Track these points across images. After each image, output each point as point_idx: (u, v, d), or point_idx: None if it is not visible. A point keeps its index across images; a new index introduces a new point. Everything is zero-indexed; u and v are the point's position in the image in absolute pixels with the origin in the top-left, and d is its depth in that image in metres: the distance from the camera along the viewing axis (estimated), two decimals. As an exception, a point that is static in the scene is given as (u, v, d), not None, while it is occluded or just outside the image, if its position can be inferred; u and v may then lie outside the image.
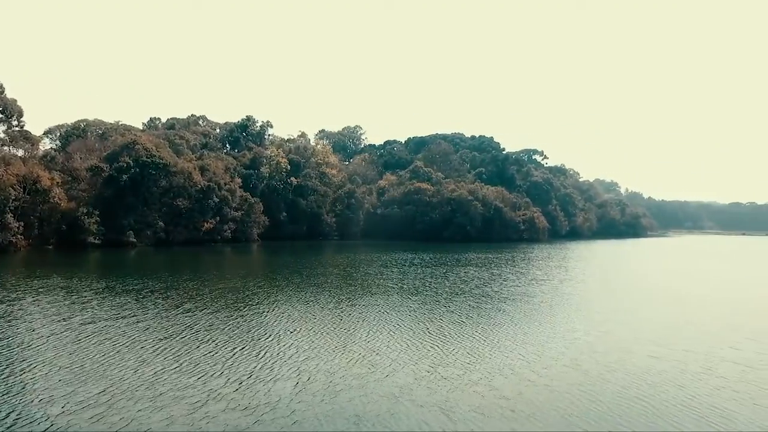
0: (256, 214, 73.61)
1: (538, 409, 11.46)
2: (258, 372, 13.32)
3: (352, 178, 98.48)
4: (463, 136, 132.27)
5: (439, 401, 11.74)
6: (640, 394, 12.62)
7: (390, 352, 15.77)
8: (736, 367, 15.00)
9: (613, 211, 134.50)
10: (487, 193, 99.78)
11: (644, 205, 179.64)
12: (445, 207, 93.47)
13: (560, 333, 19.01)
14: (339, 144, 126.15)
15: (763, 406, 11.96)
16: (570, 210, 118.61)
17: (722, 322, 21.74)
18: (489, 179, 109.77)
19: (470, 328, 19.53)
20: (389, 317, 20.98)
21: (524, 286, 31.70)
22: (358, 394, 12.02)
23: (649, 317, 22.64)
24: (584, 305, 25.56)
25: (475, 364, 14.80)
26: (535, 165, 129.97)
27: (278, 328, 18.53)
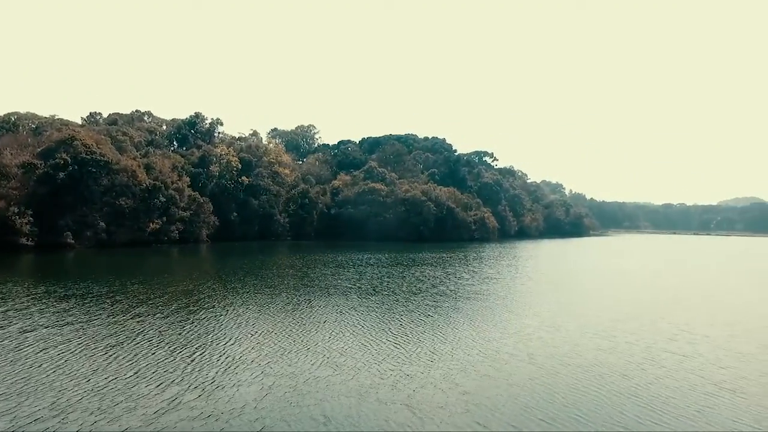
0: (206, 214, 71.30)
1: (498, 402, 11.91)
2: (220, 377, 13.00)
3: (306, 177, 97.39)
4: (416, 137, 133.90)
5: (404, 398, 11.94)
6: (591, 385, 13.38)
7: (353, 352, 15.83)
8: (673, 357, 16.18)
9: (558, 212, 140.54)
10: (440, 193, 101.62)
11: (587, 205, 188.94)
12: (399, 207, 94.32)
13: (515, 329, 19.76)
14: (292, 143, 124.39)
15: (698, 392, 12.99)
16: (518, 210, 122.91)
17: (659, 315, 23.31)
18: (442, 180, 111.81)
19: (430, 327, 19.92)
20: (349, 318, 21.02)
21: (478, 285, 32.61)
22: (325, 395, 12.01)
23: (594, 312, 23.93)
24: (535, 302, 26.66)
25: (437, 361, 15.15)
26: (486, 166, 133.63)
27: (237, 331, 18.13)
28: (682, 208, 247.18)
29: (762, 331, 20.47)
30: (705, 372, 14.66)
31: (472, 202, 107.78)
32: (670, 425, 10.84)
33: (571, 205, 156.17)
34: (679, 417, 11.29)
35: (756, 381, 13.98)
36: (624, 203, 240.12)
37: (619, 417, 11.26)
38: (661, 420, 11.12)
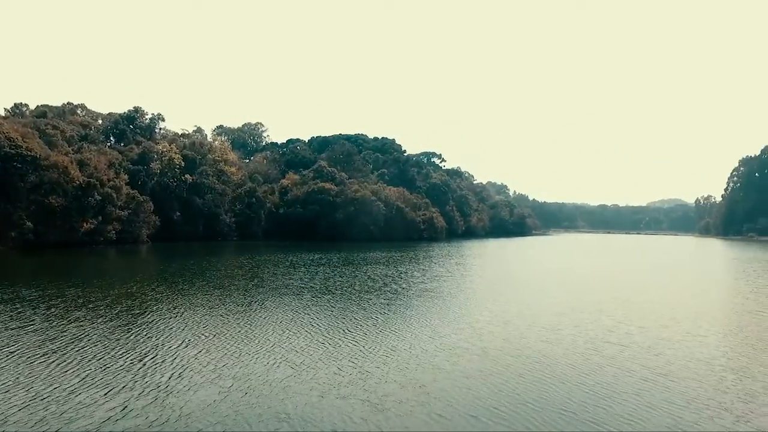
0: (146, 214, 68.04)
1: (454, 393, 12.29)
2: (173, 382, 12.50)
3: (253, 176, 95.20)
4: (366, 137, 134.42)
5: (363, 394, 12.06)
6: (540, 374, 14.07)
7: (310, 351, 15.75)
8: (613, 347, 17.30)
9: (503, 212, 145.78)
10: (390, 193, 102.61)
11: (529, 206, 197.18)
12: (349, 207, 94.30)
13: (467, 324, 20.38)
14: (239, 141, 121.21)
15: (636, 377, 13.97)
16: (465, 210, 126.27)
17: (598, 309, 24.81)
18: (391, 180, 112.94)
19: (385, 324, 20.16)
20: (304, 317, 20.86)
21: (430, 283, 33.28)
22: (285, 394, 11.90)
23: (539, 307, 25.10)
24: (485, 298, 27.59)
25: (394, 357, 15.38)
26: (434, 167, 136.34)
27: (188, 333, 17.51)
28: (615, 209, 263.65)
29: (686, 321, 22.24)
30: (641, 359, 15.79)
31: (421, 202, 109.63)
32: (612, 408, 11.61)
33: (515, 206, 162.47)
34: (620, 400, 12.13)
35: (684, 366, 15.23)
36: (564, 204, 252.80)
37: (567, 402, 11.94)
38: (605, 403, 11.89)
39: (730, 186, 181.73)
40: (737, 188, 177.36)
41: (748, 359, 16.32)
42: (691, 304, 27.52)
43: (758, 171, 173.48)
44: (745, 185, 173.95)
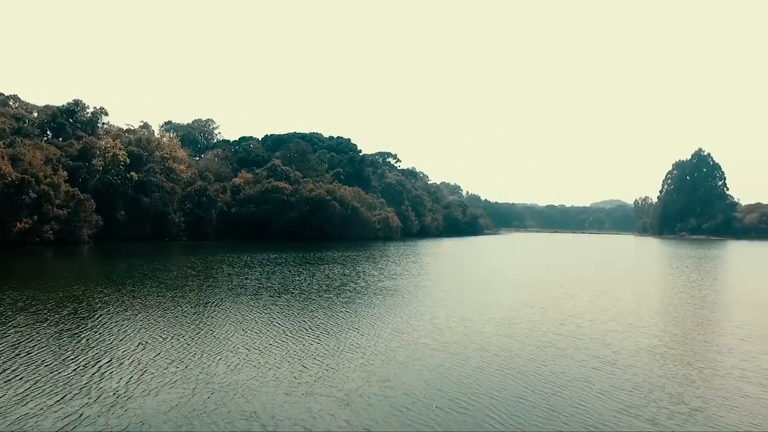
0: (87, 213, 64.31)
1: (416, 387, 12.56)
2: (131, 386, 11.98)
3: (204, 174, 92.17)
4: (321, 136, 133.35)
5: (328, 390, 12.10)
6: (499, 367, 14.58)
7: (273, 350, 15.58)
8: (565, 339, 18.17)
9: (456, 212, 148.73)
10: (345, 193, 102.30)
11: (482, 206, 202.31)
12: (304, 206, 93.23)
13: (427, 320, 20.79)
14: (188, 138, 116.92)
15: (587, 366, 14.77)
16: (420, 210, 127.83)
17: (550, 303, 25.93)
18: (346, 180, 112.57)
19: (346, 321, 20.23)
20: (264, 317, 20.55)
21: (388, 281, 33.57)
22: (250, 393, 11.75)
23: (494, 302, 25.94)
24: (442, 295, 28.19)
25: (356, 353, 15.50)
26: (389, 167, 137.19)
27: (143, 336, 16.84)
28: (562, 209, 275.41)
29: (630, 315, 23.67)
30: (591, 350, 16.68)
31: (377, 202, 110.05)
32: (567, 396, 12.24)
33: (467, 206, 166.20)
34: (574, 388, 12.80)
35: (629, 355, 16.24)
36: (514, 204, 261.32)
37: (525, 392, 12.48)
38: (560, 391, 12.51)
39: (665, 188, 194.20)
40: (671, 190, 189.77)
41: (685, 347, 17.61)
42: (634, 298, 29.27)
43: (689, 174, 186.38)
44: (678, 187, 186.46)
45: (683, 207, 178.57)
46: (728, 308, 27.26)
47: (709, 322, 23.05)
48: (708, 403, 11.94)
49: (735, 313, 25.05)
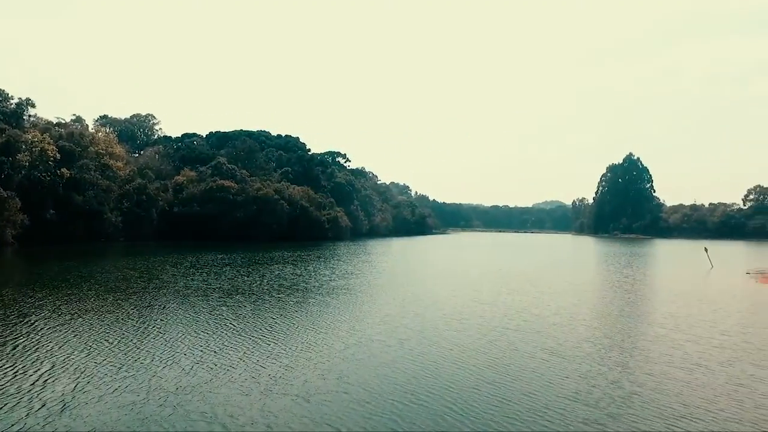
0: (10, 212, 59.50)
1: (373, 383, 12.73)
2: (79, 393, 11.27)
3: (144, 172, 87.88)
4: (269, 134, 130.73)
5: (286, 388, 12.04)
6: (453, 361, 15.02)
7: (227, 351, 15.23)
8: (514, 333, 18.96)
9: (405, 212, 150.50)
10: (294, 192, 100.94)
11: (430, 206, 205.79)
12: (251, 206, 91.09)
13: (380, 318, 21.03)
14: (127, 133, 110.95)
15: (537, 358, 15.53)
16: (370, 210, 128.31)
17: (499, 299, 26.91)
18: (295, 179, 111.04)
19: (301, 321, 20.09)
20: (215, 318, 20.00)
21: (340, 280, 33.53)
22: (208, 395, 11.47)
23: (446, 298, 26.61)
24: (394, 293, 28.52)
25: (313, 351, 15.47)
26: (339, 167, 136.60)
27: (86, 341, 15.91)
28: (506, 210, 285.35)
29: (572, 308, 25.03)
30: (538, 342, 17.51)
31: (326, 202, 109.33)
32: (518, 386, 12.84)
33: (416, 206, 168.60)
34: (525, 380, 13.42)
35: (574, 346, 17.21)
36: (461, 204, 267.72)
37: (478, 383, 12.96)
38: (512, 383, 13.08)
39: (600, 190, 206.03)
40: (605, 192, 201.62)
41: (621, 337, 18.87)
42: (574, 293, 30.93)
43: (621, 177, 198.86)
44: (611, 189, 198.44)
45: (616, 208, 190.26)
46: (656, 301, 29.42)
47: (641, 313, 24.82)
48: (642, 387, 12.90)
49: (662, 305, 27.05)
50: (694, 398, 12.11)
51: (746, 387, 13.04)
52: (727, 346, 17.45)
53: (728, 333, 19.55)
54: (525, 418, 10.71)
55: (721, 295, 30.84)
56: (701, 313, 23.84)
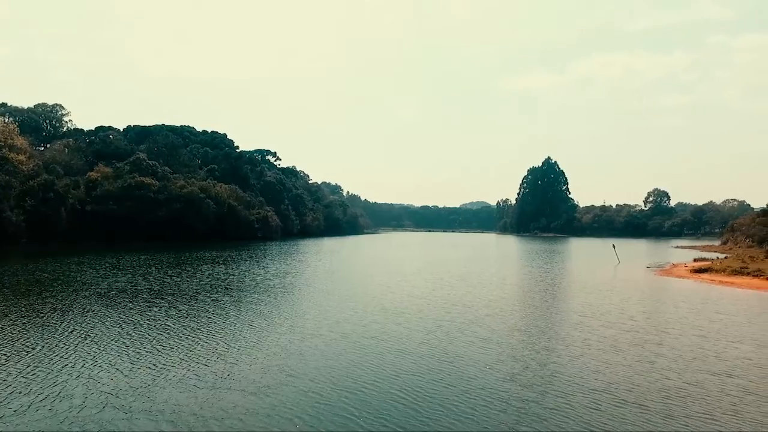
0: None
1: (319, 373, 13.01)
2: (6, 402, 10.44)
3: (51, 167, 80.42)
4: (194, 129, 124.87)
5: (233, 384, 11.99)
6: (395, 351, 15.65)
7: (168, 351, 14.79)
8: (450, 324, 19.96)
9: (337, 211, 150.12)
10: (221, 190, 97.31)
11: (361, 206, 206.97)
12: (174, 204, 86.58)
13: (321, 314, 21.23)
14: (30, 124, 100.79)
15: (475, 346, 16.50)
16: (301, 209, 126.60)
17: (435, 294, 27.96)
18: (222, 177, 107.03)
19: (240, 319, 19.80)
20: (148, 319, 19.19)
21: (275, 279, 33.10)
22: (154, 395, 11.16)
23: (383, 294, 27.23)
24: (331, 290, 28.72)
25: (256, 348, 15.40)
26: (269, 165, 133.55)
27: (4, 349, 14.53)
28: (435, 210, 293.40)
29: (501, 300, 26.61)
30: (472, 332, 18.58)
31: (255, 201, 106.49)
32: (458, 372, 13.67)
33: (348, 206, 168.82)
34: (463, 365, 14.31)
35: (504, 333, 18.46)
36: (392, 204, 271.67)
37: (420, 370, 13.64)
38: (451, 368, 13.92)
39: (521, 191, 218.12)
40: (526, 193, 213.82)
41: (545, 325, 20.49)
42: (502, 286, 32.85)
43: (540, 179, 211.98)
44: (532, 191, 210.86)
45: (536, 208, 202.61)
46: (573, 292, 31.97)
47: (561, 303, 26.96)
48: (566, 367, 14.20)
49: (578, 296, 29.50)
50: (610, 374, 13.53)
51: (651, 362, 14.77)
52: (635, 329, 19.52)
53: (635, 318, 21.83)
54: (465, 399, 11.45)
55: (627, 286, 34.15)
56: (612, 302, 26.33)
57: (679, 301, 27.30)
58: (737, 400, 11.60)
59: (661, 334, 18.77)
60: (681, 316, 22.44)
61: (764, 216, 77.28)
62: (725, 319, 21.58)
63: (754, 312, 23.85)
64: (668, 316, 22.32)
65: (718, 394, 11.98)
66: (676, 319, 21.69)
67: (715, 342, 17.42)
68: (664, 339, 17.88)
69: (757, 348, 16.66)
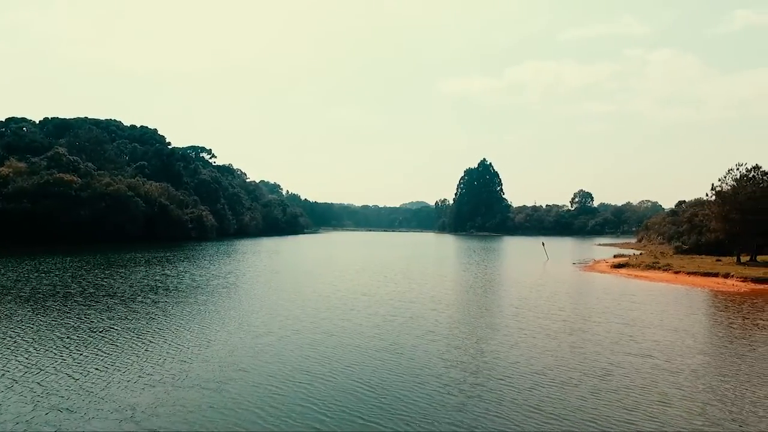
0: None
1: (271, 370, 13.24)
2: None
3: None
4: (120, 124, 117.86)
5: (190, 382, 11.95)
6: (346, 346, 16.16)
7: (117, 357, 14.33)
8: (398, 319, 20.73)
9: (276, 211, 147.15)
10: (151, 189, 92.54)
11: (301, 205, 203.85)
12: (99, 203, 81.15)
13: (270, 312, 21.31)
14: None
15: (424, 339, 17.24)
16: (238, 209, 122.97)
17: (378, 290, 28.65)
18: (153, 174, 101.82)
19: (188, 319, 19.50)
20: (87, 324, 18.42)
21: (217, 279, 32.41)
22: (108, 395, 10.96)
23: (329, 292, 27.56)
24: (277, 289, 28.69)
25: (211, 346, 15.33)
26: (203, 163, 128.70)
27: None
28: (375, 209, 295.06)
29: (445, 295, 27.77)
30: (418, 326, 19.47)
31: (189, 200, 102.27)
32: (407, 362, 14.41)
33: (287, 205, 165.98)
34: (409, 356, 15.10)
35: (447, 326, 19.56)
36: (332, 204, 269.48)
37: (370, 361, 14.29)
38: (399, 359, 14.65)
39: (458, 192, 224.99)
40: (463, 194, 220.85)
41: (486, 316, 21.81)
42: (443, 282, 34.19)
43: (476, 180, 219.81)
44: (468, 191, 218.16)
45: (472, 208, 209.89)
46: (508, 286, 33.89)
47: (497, 297, 28.66)
48: (505, 353, 15.39)
49: (513, 290, 31.38)
50: (545, 359, 14.79)
51: (580, 347, 16.26)
52: (564, 319, 21.22)
53: (563, 309, 23.67)
54: (417, 386, 12.19)
55: (556, 281, 36.69)
56: (543, 296, 28.26)
57: (602, 293, 29.79)
58: (651, 376, 13.14)
59: (588, 322, 20.54)
60: (604, 306, 24.58)
61: (673, 216, 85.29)
62: (640, 309, 23.93)
63: (663, 302, 26.58)
64: (593, 307, 24.39)
65: (636, 372, 13.49)
66: (599, 309, 23.74)
67: (632, 328, 19.36)
68: (590, 327, 19.61)
69: (667, 332, 18.74)
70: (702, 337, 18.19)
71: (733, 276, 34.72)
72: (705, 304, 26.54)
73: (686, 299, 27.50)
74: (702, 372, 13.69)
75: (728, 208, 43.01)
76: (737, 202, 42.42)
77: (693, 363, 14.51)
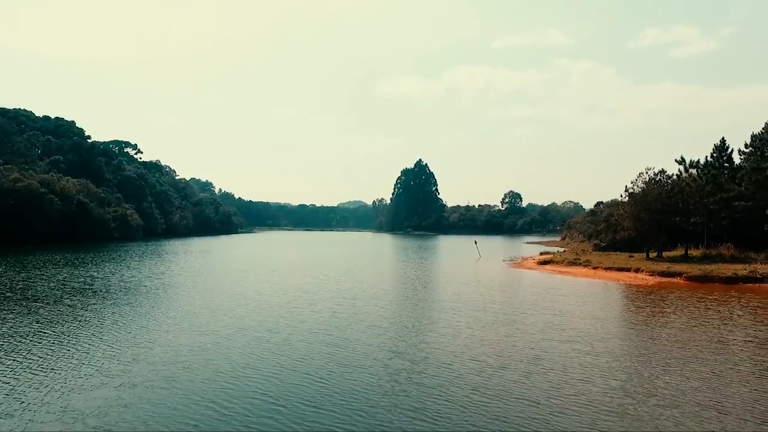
0: None
1: (220, 368, 13.25)
2: None
3: None
4: (32, 114, 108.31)
5: (138, 380, 11.74)
6: (295, 342, 16.36)
7: (54, 361, 13.71)
8: (345, 314, 21.10)
9: (208, 210, 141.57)
10: (68, 185, 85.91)
11: (235, 204, 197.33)
12: (6, 200, 74.16)
13: (211, 312, 20.99)
14: None
15: (372, 332, 17.76)
16: (167, 208, 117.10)
17: (320, 288, 28.80)
18: (70, 170, 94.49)
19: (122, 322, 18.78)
20: (9, 330, 17.19)
21: (150, 281, 31.25)
22: (61, 401, 10.58)
23: (271, 291, 27.43)
24: (214, 290, 28.12)
25: (155, 345, 15.03)
26: (128, 159, 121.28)
27: None
28: (312, 209, 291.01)
29: (389, 291, 28.44)
30: (367, 321, 20.03)
31: (112, 197, 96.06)
32: (352, 356, 14.91)
33: (220, 204, 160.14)
34: (356, 349, 15.63)
35: (389, 320, 20.35)
36: (268, 203, 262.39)
37: (318, 356, 14.66)
38: (346, 352, 15.12)
39: (395, 191, 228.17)
40: (400, 193, 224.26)
41: (424, 310, 22.83)
42: (382, 280, 35.03)
43: (413, 180, 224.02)
44: (405, 191, 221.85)
45: (409, 208, 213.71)
46: (443, 283, 35.33)
47: (434, 293, 29.97)
48: (445, 343, 16.38)
49: (448, 286, 32.75)
50: (480, 348, 15.87)
51: (512, 336, 17.55)
52: (498, 311, 22.64)
53: (495, 303, 25.18)
54: (364, 376, 12.77)
55: (488, 277, 38.69)
56: (477, 291, 29.79)
57: (530, 287, 31.88)
58: (577, 360, 14.54)
59: (519, 314, 22.04)
60: (532, 299, 26.41)
61: (592, 215, 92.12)
62: (564, 301, 25.98)
63: (584, 294, 28.97)
64: (522, 300, 26.13)
65: (564, 357, 14.85)
66: (528, 302, 25.49)
67: (558, 318, 21.06)
68: (522, 318, 21.08)
69: (588, 321, 20.60)
70: (618, 324, 20.20)
71: (642, 270, 38.36)
72: (619, 295, 29.26)
73: (603, 292, 30.14)
74: (619, 353, 15.31)
75: (638, 209, 47.37)
76: (646, 203, 46.84)
77: (611, 346, 16.16)
